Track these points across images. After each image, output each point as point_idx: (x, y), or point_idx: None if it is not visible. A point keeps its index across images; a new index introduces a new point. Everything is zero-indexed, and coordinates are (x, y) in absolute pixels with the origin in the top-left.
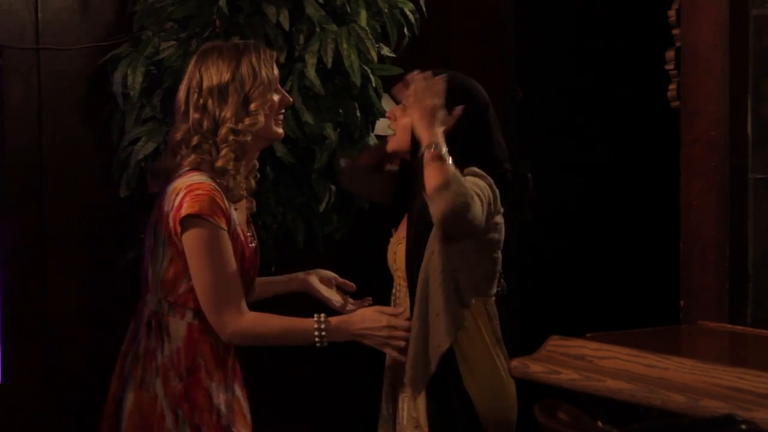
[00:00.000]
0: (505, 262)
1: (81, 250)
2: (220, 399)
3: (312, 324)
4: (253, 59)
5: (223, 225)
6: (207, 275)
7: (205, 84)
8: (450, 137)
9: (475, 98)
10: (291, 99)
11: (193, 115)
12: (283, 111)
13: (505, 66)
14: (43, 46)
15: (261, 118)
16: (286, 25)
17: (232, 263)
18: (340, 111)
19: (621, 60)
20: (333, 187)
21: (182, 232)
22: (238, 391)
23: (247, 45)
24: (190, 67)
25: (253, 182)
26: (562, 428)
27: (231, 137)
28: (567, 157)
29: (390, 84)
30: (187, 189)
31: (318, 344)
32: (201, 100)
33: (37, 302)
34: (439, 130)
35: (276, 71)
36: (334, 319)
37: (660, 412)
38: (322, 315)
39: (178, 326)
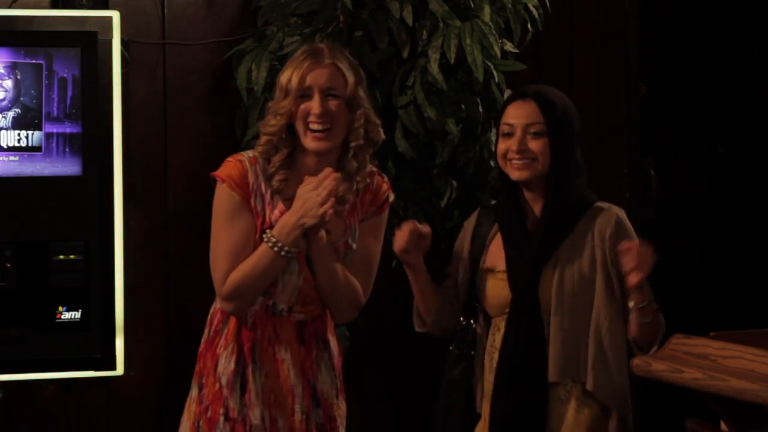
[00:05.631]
0: None
1: (204, 241)
2: (224, 370)
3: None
4: (290, 65)
5: (236, 194)
6: (212, 237)
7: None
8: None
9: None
10: (318, 110)
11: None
12: (313, 121)
13: (629, 62)
14: (169, 41)
15: (272, 124)
16: (409, 21)
17: (233, 230)
18: (463, 106)
19: (746, 54)
20: (454, 183)
21: None
22: (264, 373)
23: (304, 51)
24: None
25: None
26: None
27: (260, 138)
28: (691, 154)
29: (513, 79)
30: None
31: (279, 251)
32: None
33: (161, 292)
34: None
35: (312, 78)
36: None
37: None
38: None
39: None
